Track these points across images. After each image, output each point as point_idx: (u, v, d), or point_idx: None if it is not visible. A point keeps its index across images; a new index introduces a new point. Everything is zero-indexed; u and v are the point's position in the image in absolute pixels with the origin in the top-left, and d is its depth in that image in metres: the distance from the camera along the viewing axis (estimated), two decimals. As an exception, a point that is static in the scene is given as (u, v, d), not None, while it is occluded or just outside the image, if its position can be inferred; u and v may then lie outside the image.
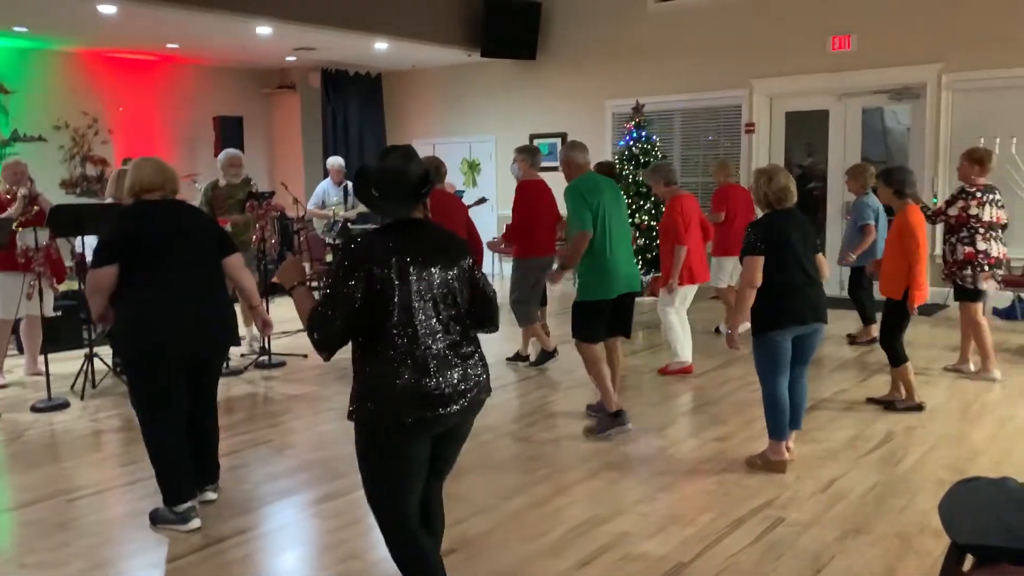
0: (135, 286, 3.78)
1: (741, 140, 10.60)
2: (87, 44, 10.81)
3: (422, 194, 2.71)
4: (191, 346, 3.88)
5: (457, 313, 2.72)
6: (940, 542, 3.56)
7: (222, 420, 5.63)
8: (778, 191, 4.38)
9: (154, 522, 3.93)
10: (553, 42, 11.87)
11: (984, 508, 1.32)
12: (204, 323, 3.90)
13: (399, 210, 2.70)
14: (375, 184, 2.70)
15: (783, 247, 4.30)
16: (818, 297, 4.44)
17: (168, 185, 4.00)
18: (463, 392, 2.65)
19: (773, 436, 4.51)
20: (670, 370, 6.64)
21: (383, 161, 2.73)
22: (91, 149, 11.38)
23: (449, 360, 2.64)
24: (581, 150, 5.51)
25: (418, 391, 2.57)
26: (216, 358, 4.24)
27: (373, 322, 2.59)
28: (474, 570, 3.45)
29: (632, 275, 5.39)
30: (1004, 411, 5.52)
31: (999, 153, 8.60)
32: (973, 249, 6.11)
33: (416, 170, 2.71)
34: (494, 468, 4.64)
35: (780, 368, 4.43)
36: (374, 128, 13.70)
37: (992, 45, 8.80)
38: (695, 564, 3.46)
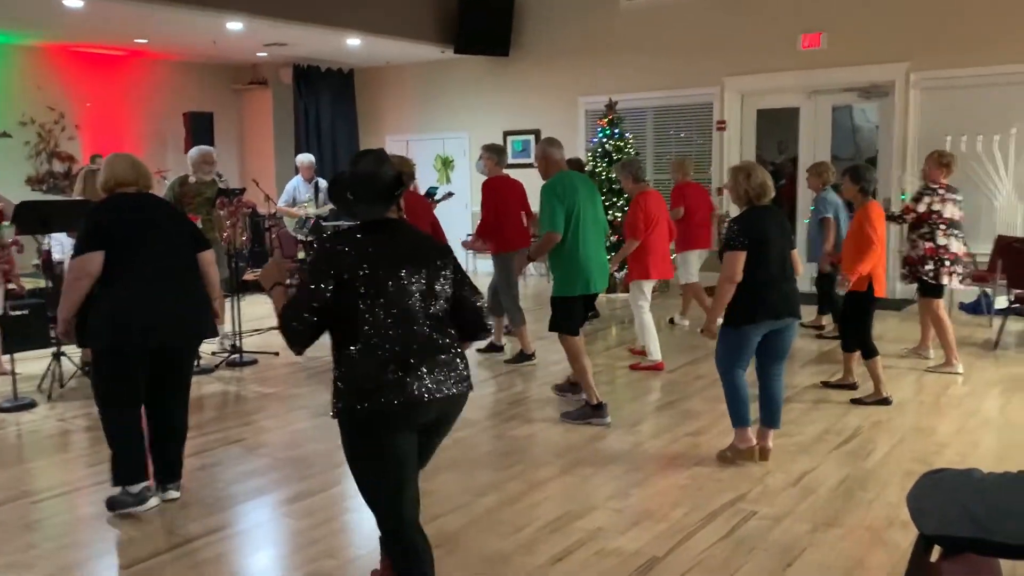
0: (110, 278, 3.80)
1: (713, 137, 10.66)
2: (53, 38, 10.64)
3: (395, 196, 2.77)
4: (165, 338, 3.91)
5: (435, 310, 2.74)
6: (908, 534, 3.61)
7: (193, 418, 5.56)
8: (758, 187, 4.42)
9: (112, 508, 3.97)
10: (526, 39, 11.87)
11: (951, 499, 1.34)
12: (178, 315, 3.94)
13: (374, 213, 2.75)
14: (350, 188, 2.75)
15: (764, 243, 4.35)
16: (793, 292, 4.50)
17: (142, 180, 4.04)
18: (441, 387, 2.67)
19: (738, 424, 4.58)
20: (642, 367, 6.72)
21: (356, 166, 2.78)
22: (58, 145, 11.20)
23: (426, 356, 2.66)
24: (558, 146, 5.58)
25: (396, 387, 2.60)
26: (189, 350, 4.26)
27: (349, 319, 2.62)
28: (448, 567, 3.44)
29: (603, 268, 5.51)
30: (970, 404, 5.61)
31: (964, 151, 8.76)
32: (933, 245, 6.29)
33: (389, 173, 2.76)
34: (468, 465, 4.64)
35: (744, 361, 4.51)
36: (347, 125, 13.61)
37: (958, 45, 8.93)
38: (668, 558, 3.48)
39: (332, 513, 3.97)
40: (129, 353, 3.87)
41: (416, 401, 2.62)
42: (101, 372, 3.99)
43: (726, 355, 4.51)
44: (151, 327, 3.85)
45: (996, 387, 6.02)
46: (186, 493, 4.27)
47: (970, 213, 8.85)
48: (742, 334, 4.41)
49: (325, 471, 4.46)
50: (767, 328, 4.42)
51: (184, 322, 4.00)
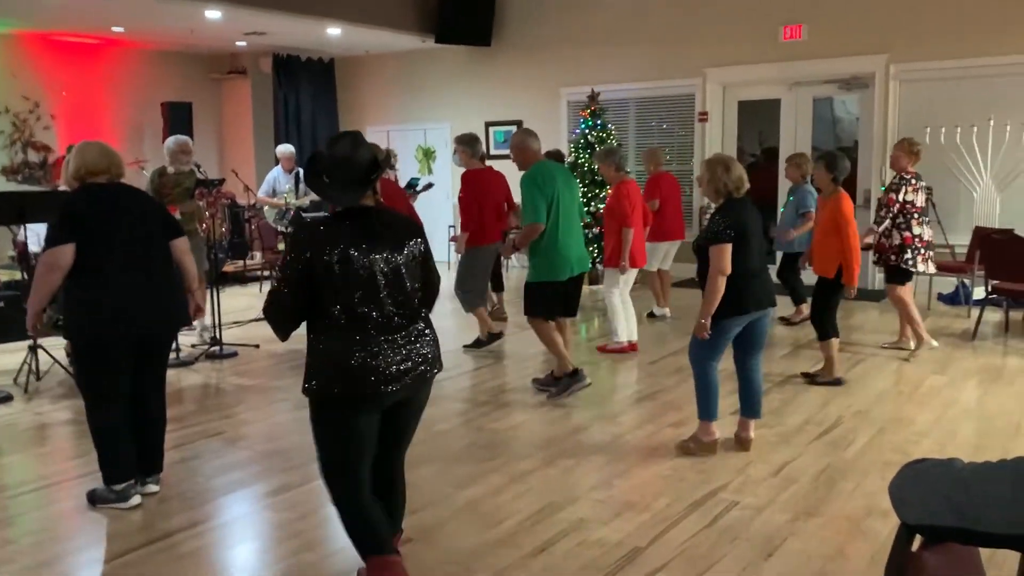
0: (83, 269, 3.76)
1: (695, 129, 10.68)
2: (27, 26, 10.47)
3: (371, 180, 2.82)
4: (140, 328, 3.88)
5: (405, 295, 2.84)
6: (888, 523, 3.64)
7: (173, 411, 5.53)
8: (737, 180, 4.43)
9: (92, 502, 3.96)
10: (508, 29, 11.83)
11: (932, 489, 1.35)
12: (152, 305, 3.91)
13: (349, 196, 2.81)
14: (325, 171, 2.80)
15: (746, 234, 4.37)
16: (770, 281, 4.56)
17: (114, 169, 3.98)
18: (410, 369, 2.81)
19: (705, 417, 4.60)
20: (608, 348, 6.84)
21: (332, 148, 2.82)
22: (33, 135, 11.04)
23: (397, 339, 2.79)
24: (534, 137, 5.62)
25: (366, 368, 2.72)
26: (165, 340, 4.20)
27: (325, 303, 2.73)
28: (430, 559, 3.44)
29: (582, 257, 5.63)
30: (949, 395, 5.66)
31: (944, 142, 8.82)
32: (911, 234, 6.44)
33: (365, 156, 2.81)
34: (449, 457, 4.63)
35: (720, 353, 4.53)
36: (327, 115, 13.52)
37: (937, 37, 8.98)
38: (651, 549, 3.49)
39: (313, 506, 3.95)
40: (109, 345, 3.82)
41: (382, 381, 2.74)
42: (84, 366, 3.95)
43: (703, 348, 4.50)
44: (128, 317, 3.81)
45: (974, 378, 6.08)
46: (166, 487, 4.24)
47: (949, 204, 8.96)
48: (723, 327, 4.41)
49: (306, 464, 4.43)
50: (749, 319, 4.44)
51: (160, 311, 3.96)
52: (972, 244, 8.28)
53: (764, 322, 4.55)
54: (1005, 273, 7.17)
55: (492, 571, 3.33)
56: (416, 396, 2.93)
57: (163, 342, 4.16)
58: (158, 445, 4.17)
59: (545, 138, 11.17)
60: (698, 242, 4.48)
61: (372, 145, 4.52)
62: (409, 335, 2.83)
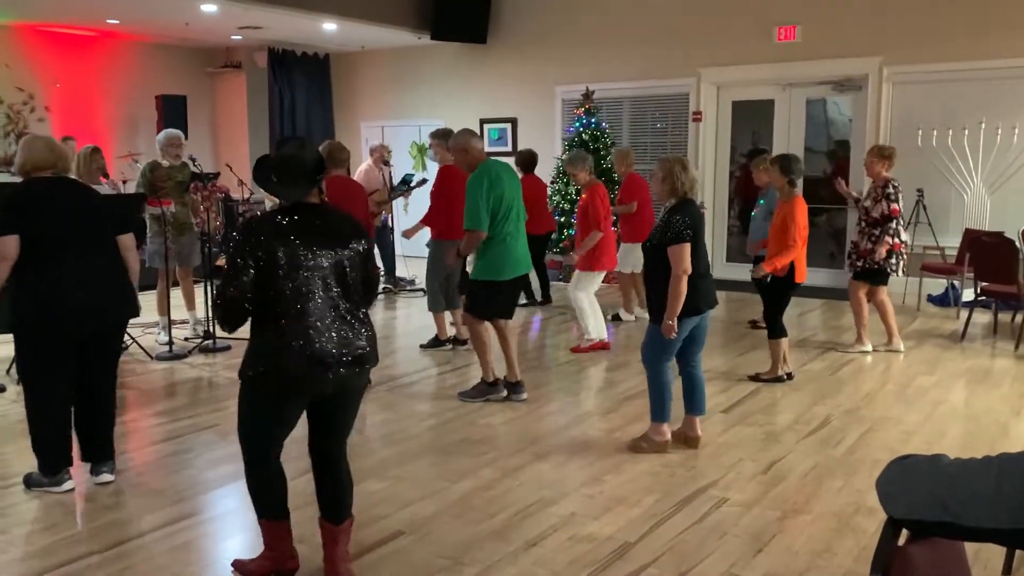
0: (28, 260, 3.82)
1: (688, 128, 10.71)
2: (21, 17, 10.43)
3: (317, 179, 3.00)
4: (81, 319, 3.93)
5: (346, 290, 2.98)
6: (875, 520, 3.68)
7: (166, 404, 5.54)
8: (692, 180, 4.52)
9: (28, 486, 4.07)
10: (504, 26, 11.84)
11: (919, 484, 1.37)
12: (95, 297, 3.96)
13: (295, 193, 2.97)
14: (273, 170, 2.98)
15: (700, 234, 4.46)
16: (713, 283, 4.65)
17: (60, 163, 4.03)
18: (345, 360, 2.94)
19: (658, 419, 4.62)
20: (582, 348, 6.87)
21: (280, 149, 3.03)
22: (27, 126, 10.98)
23: (334, 331, 2.92)
24: (477, 137, 5.56)
25: (303, 356, 2.86)
26: (111, 334, 4.21)
27: (269, 294, 2.87)
28: (422, 552, 3.46)
29: (526, 257, 5.53)
30: (937, 395, 5.71)
31: (936, 145, 8.88)
32: (898, 240, 6.55)
33: (311, 157, 3.00)
34: (441, 451, 4.65)
35: (671, 353, 4.57)
36: (322, 110, 13.50)
37: (929, 40, 9.03)
38: (641, 544, 3.52)
39: (305, 500, 3.96)
40: (49, 334, 3.89)
41: (318, 369, 2.88)
42: (23, 354, 4.01)
43: (657, 349, 4.52)
44: (70, 308, 3.87)
45: (962, 378, 6.13)
46: (158, 479, 4.26)
47: (940, 206, 9.02)
48: (683, 326, 4.44)
49: (298, 458, 4.42)
50: (700, 318, 4.53)
51: (104, 303, 4.01)
52: (962, 246, 8.33)
53: (707, 321, 4.64)
54: (994, 275, 7.23)
55: (483, 564, 3.35)
56: (351, 387, 3.07)
57: (108, 334, 4.17)
58: (107, 435, 4.23)
59: (540, 136, 11.30)
60: (655, 242, 4.45)
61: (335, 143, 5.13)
62: (347, 328, 2.97)
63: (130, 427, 5.17)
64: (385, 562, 3.39)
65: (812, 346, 7.11)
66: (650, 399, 4.63)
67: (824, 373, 6.27)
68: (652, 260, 4.48)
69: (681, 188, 4.47)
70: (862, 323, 6.80)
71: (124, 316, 4.20)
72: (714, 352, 6.85)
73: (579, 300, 6.87)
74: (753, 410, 5.37)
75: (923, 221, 8.86)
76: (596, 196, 6.73)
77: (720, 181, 10.81)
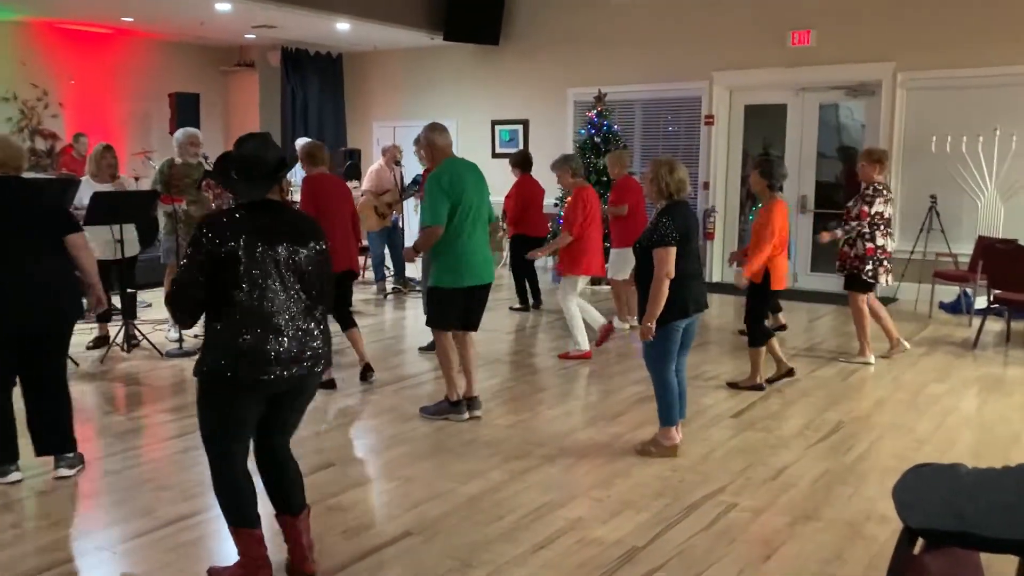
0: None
1: (700, 132, 10.69)
2: (38, 14, 10.50)
3: (277, 177, 3.03)
4: (17, 322, 3.97)
5: (303, 288, 3.01)
6: (887, 528, 3.66)
7: (175, 401, 5.55)
8: (679, 182, 4.49)
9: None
10: (516, 28, 11.84)
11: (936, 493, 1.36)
12: (35, 299, 3.98)
13: (255, 191, 2.99)
14: (235, 168, 2.99)
15: (688, 237, 4.44)
16: (704, 285, 4.64)
17: (10, 163, 4.04)
18: (300, 359, 2.97)
19: (666, 423, 4.61)
20: (570, 356, 6.79)
21: (241, 147, 3.01)
22: (41, 122, 11.06)
23: (287, 329, 2.94)
24: (440, 132, 5.24)
25: (255, 354, 2.89)
26: (53, 333, 4.19)
27: (224, 290, 2.89)
28: (430, 553, 3.46)
29: (487, 263, 5.17)
30: (948, 403, 5.67)
31: (949, 151, 8.83)
32: (873, 245, 6.45)
33: (272, 156, 3.01)
34: (450, 453, 4.65)
35: (673, 356, 4.56)
36: (334, 109, 13.54)
37: (945, 46, 8.99)
38: (649, 548, 3.50)
39: (315, 497, 3.96)
40: (16, 326, 3.96)
41: (272, 368, 2.91)
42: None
43: (660, 354, 4.51)
44: (8, 311, 3.91)
45: (974, 386, 6.09)
46: (169, 476, 4.27)
47: (953, 213, 8.98)
48: (669, 330, 4.44)
49: (308, 455, 4.45)
50: (689, 321, 4.53)
51: (44, 305, 4.02)
52: (975, 253, 8.28)
53: (695, 325, 4.63)
54: (1007, 283, 7.18)
55: (491, 567, 3.34)
56: (303, 387, 3.10)
57: (51, 335, 4.15)
58: (60, 431, 4.23)
59: (551, 138, 11.30)
60: (642, 244, 4.45)
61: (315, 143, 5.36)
62: (302, 327, 2.99)
63: (141, 423, 5.18)
64: (393, 563, 3.39)
65: (821, 352, 7.08)
66: (657, 403, 4.62)
67: (835, 379, 6.24)
68: (641, 262, 4.51)
69: (667, 189, 4.46)
70: (862, 334, 6.66)
71: (63, 317, 4.17)
72: (723, 358, 6.83)
73: (567, 309, 6.76)
74: (763, 415, 5.35)
75: (936, 228, 8.81)
76: (578, 199, 6.66)
77: (732, 185, 10.78)
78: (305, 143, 6.06)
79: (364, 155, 12.55)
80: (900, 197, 9.31)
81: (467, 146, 11.23)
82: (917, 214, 9.06)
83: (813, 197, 10.02)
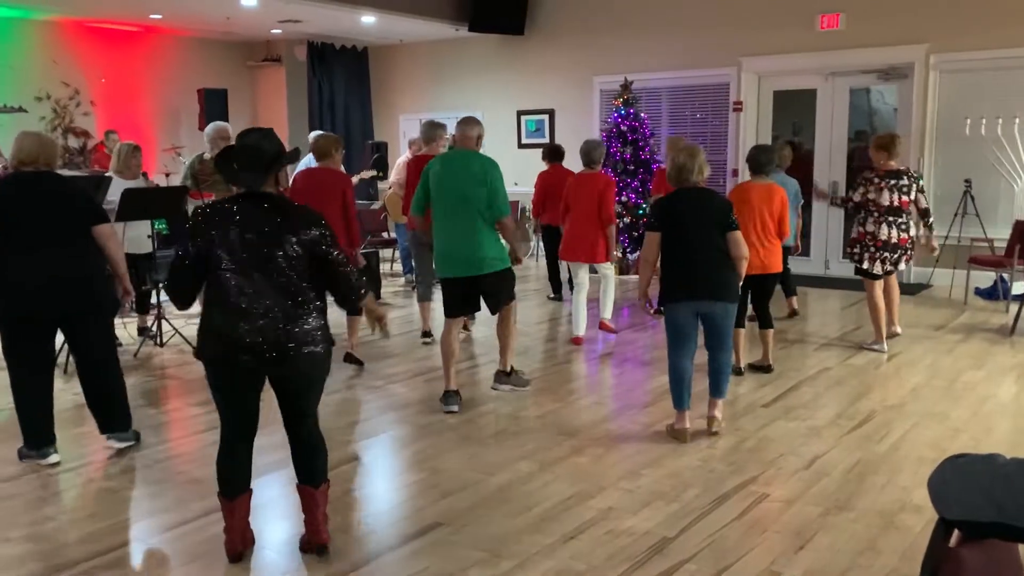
0: (3, 249, 4.12)
1: (729, 118, 10.58)
2: (68, 13, 10.63)
3: (272, 169, 3.13)
4: (49, 307, 4.18)
5: (287, 276, 3.07)
6: (921, 518, 3.60)
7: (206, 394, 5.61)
8: (677, 169, 4.57)
9: (20, 458, 4.36)
10: (541, 17, 11.78)
11: (974, 484, 1.33)
12: (61, 287, 4.18)
13: (253, 181, 3.10)
14: (235, 158, 3.12)
15: (678, 225, 4.49)
16: (713, 274, 4.50)
17: (42, 158, 4.24)
18: (271, 344, 3.05)
19: (675, 406, 4.68)
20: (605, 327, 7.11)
21: (243, 139, 3.16)
22: (73, 121, 11.22)
23: (262, 314, 3.04)
24: (460, 125, 5.20)
25: (224, 336, 3.06)
26: (79, 319, 4.36)
27: (213, 275, 3.07)
28: (459, 544, 3.46)
29: (466, 259, 5.04)
30: (985, 390, 5.57)
31: (984, 134, 8.66)
32: (863, 230, 6.42)
33: (271, 147, 3.14)
34: (478, 444, 4.65)
35: (677, 342, 4.60)
36: (360, 103, 13.58)
37: (978, 26, 8.80)
38: (680, 539, 3.48)
39: (345, 488, 3.99)
40: (19, 319, 4.18)
41: (237, 350, 3.04)
42: (3, 338, 4.30)
43: (668, 337, 4.67)
44: (34, 297, 4.12)
45: (1011, 373, 5.98)
46: (199, 468, 4.31)
47: (989, 197, 8.81)
48: (670, 313, 4.59)
49: (338, 447, 4.48)
50: (690, 309, 4.53)
51: (68, 292, 4.20)
52: (1012, 238, 8.11)
53: (714, 317, 4.55)
54: (1046, 268, 7.03)
55: (520, 557, 3.34)
56: (292, 373, 3.19)
57: (78, 321, 4.33)
58: (110, 410, 4.48)
59: (578, 127, 11.24)
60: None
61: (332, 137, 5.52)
62: (279, 313, 3.06)
63: (172, 417, 5.25)
64: (423, 553, 3.40)
65: (853, 340, 6.98)
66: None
67: (868, 367, 6.16)
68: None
69: (670, 177, 4.62)
70: (875, 320, 6.60)
71: (89, 304, 4.32)
72: (753, 346, 6.76)
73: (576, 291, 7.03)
74: (795, 405, 5.29)
75: (971, 212, 8.65)
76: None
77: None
78: (314, 136, 6.14)
79: (391, 148, 12.59)
80: (933, 182, 9.16)
81: (493, 137, 11.13)
82: (952, 199, 8.90)
83: (844, 183, 9.87)
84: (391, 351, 6.75)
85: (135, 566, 3.39)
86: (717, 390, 4.75)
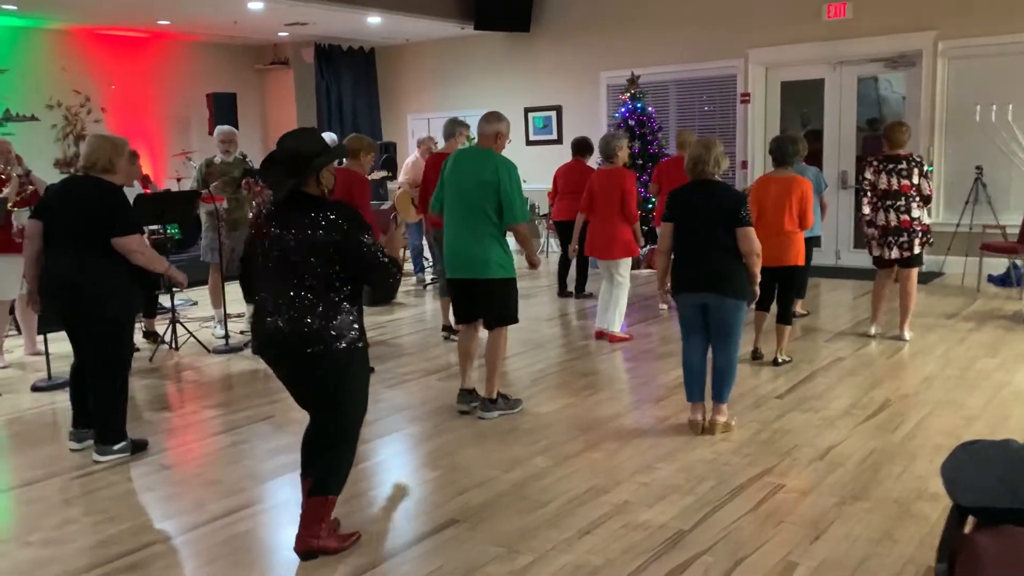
0: (44, 246, 4.46)
1: (736, 110, 10.55)
2: (78, 21, 10.69)
3: (304, 172, 3.19)
4: (57, 306, 4.44)
5: (311, 272, 3.16)
6: (937, 506, 3.60)
7: (222, 396, 5.66)
8: (692, 160, 4.59)
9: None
10: (547, 14, 11.77)
11: (988, 471, 1.33)
12: (61, 289, 4.39)
13: (293, 181, 3.20)
14: (278, 161, 3.24)
15: (685, 218, 4.54)
16: (716, 267, 4.47)
17: (100, 163, 4.41)
18: (281, 340, 3.20)
19: (687, 398, 4.74)
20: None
21: (282, 143, 3.27)
22: (84, 128, 11.27)
23: (284, 308, 3.19)
24: (480, 122, 5.17)
25: (254, 330, 3.31)
26: (81, 322, 4.44)
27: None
28: (476, 540, 3.48)
29: (468, 261, 4.89)
30: (1000, 377, 5.55)
31: (995, 121, 8.60)
32: (862, 214, 6.52)
33: (307, 149, 3.22)
34: (493, 440, 4.67)
35: (686, 332, 4.70)
36: (368, 103, 13.60)
37: (987, 12, 8.74)
38: (695, 532, 3.49)
39: (360, 489, 4.02)
40: (53, 311, 4.49)
41: (260, 343, 3.27)
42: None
43: (680, 326, 4.78)
44: (54, 293, 4.42)
45: (1026, 360, 5.95)
46: (216, 470, 4.35)
47: (1000, 184, 8.76)
48: (678, 304, 4.68)
49: (353, 447, 4.50)
50: (692, 300, 4.56)
51: (64, 295, 4.38)
52: (1024, 224, 8.08)
53: (715, 309, 4.51)
54: (1059, 254, 6.99)
55: (537, 552, 3.36)
56: (296, 369, 3.29)
57: (72, 326, 4.48)
58: (95, 419, 4.52)
59: (585, 123, 11.23)
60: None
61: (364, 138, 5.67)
62: (295, 312, 3.18)
63: (188, 419, 5.29)
64: (439, 550, 3.42)
65: (863, 331, 6.95)
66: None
67: (881, 357, 6.15)
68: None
69: (689, 168, 4.64)
70: (872, 304, 6.77)
71: (90, 310, 4.37)
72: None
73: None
74: (808, 395, 5.29)
75: (982, 199, 8.60)
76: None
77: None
78: (349, 138, 6.15)
79: (399, 148, 12.61)
80: (944, 169, 9.11)
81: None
82: (963, 186, 8.86)
83: (853, 172, 9.83)
84: (405, 349, 6.77)
85: (154, 569, 3.42)
86: (715, 393, 4.64)
